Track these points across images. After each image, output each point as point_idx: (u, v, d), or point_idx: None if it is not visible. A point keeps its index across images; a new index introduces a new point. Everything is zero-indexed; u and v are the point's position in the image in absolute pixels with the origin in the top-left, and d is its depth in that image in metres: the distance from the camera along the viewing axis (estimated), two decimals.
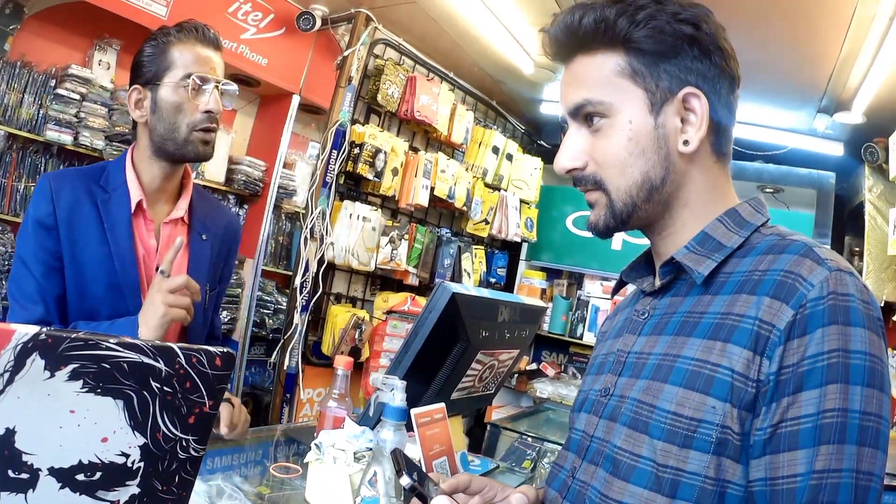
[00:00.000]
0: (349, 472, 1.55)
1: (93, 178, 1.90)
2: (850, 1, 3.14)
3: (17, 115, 3.53)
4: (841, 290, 0.97)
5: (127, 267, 1.85)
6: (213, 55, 1.96)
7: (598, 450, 1.17)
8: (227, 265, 2.22)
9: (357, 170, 4.07)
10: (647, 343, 1.17)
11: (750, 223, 1.16)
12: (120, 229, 1.86)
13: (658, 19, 1.10)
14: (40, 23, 3.83)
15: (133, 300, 1.85)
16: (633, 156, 1.14)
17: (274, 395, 4.11)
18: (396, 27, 4.47)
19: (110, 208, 1.87)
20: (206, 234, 2.07)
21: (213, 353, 0.85)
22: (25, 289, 1.79)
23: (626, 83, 1.14)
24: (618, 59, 1.14)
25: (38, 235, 1.79)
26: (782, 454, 0.95)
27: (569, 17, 1.17)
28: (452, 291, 1.74)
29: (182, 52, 1.89)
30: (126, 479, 0.83)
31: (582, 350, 5.85)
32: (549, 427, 4.41)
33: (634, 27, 1.11)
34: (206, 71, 1.91)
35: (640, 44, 1.12)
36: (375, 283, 4.71)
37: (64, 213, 1.81)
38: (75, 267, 1.81)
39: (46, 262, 1.79)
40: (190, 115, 1.89)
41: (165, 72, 1.88)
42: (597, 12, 1.13)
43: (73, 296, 1.82)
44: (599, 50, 1.16)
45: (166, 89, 1.88)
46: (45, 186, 1.82)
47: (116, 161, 1.97)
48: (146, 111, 1.91)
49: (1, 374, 0.71)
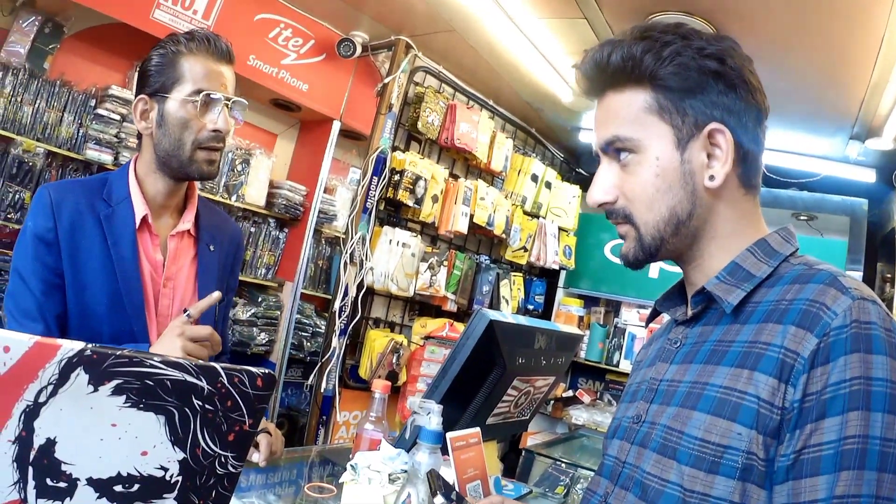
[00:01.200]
0: (383, 494, 1.55)
1: (95, 190, 1.82)
2: (878, 27, 3.12)
3: (57, 133, 3.63)
4: (864, 318, 0.98)
5: (131, 285, 1.78)
6: (225, 69, 1.88)
7: (629, 475, 1.18)
8: (233, 275, 2.18)
9: (397, 196, 4.09)
10: (679, 371, 1.18)
11: (779, 253, 1.17)
12: (124, 245, 1.79)
13: (683, 55, 1.12)
14: (80, 43, 3.93)
15: (137, 320, 1.78)
16: (660, 192, 1.16)
17: (310, 416, 4.11)
18: (436, 55, 4.50)
19: (114, 223, 1.79)
20: (214, 245, 2.02)
21: (254, 374, 0.87)
22: (23, 305, 1.70)
23: (654, 119, 1.16)
24: (645, 96, 1.16)
25: (38, 251, 1.71)
26: (804, 480, 0.95)
27: (598, 54, 1.19)
28: (490, 318, 1.74)
29: (192, 65, 1.82)
30: (164, 492, 0.85)
31: (618, 378, 5.78)
32: (583, 453, 4.37)
33: (660, 64, 1.13)
34: (216, 87, 1.83)
35: (666, 81, 1.14)
36: (414, 309, 4.71)
37: (65, 227, 1.73)
38: (77, 284, 1.74)
39: (46, 278, 1.71)
40: (196, 133, 1.82)
41: (174, 85, 1.81)
42: (624, 49, 1.15)
43: (74, 314, 1.74)
44: (628, 86, 1.18)
45: (173, 103, 1.81)
46: (45, 198, 1.74)
47: (118, 173, 1.90)
48: (152, 123, 1.84)
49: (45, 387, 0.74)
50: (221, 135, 1.86)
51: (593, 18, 3.64)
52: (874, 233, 5.33)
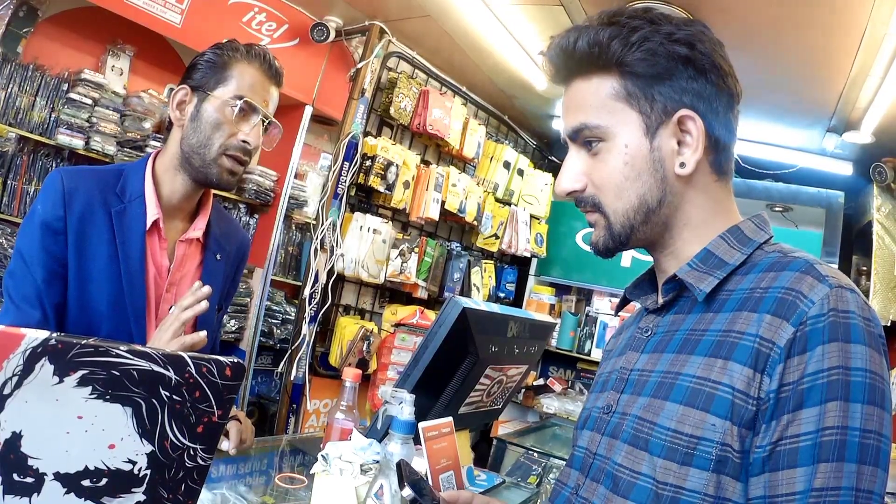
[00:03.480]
0: (355, 485, 1.54)
1: (109, 183, 1.79)
2: (860, 21, 3.14)
3: (29, 118, 3.56)
4: (841, 307, 0.97)
5: (136, 288, 1.75)
6: (273, 89, 1.90)
7: (599, 467, 1.18)
8: (234, 283, 2.16)
9: (368, 182, 4.08)
10: (650, 360, 1.17)
11: (752, 240, 1.16)
12: (133, 247, 1.76)
13: (651, 41, 1.11)
14: (54, 26, 3.87)
15: (136, 322, 1.76)
16: (629, 179, 1.15)
17: (280, 405, 4.09)
18: (410, 40, 4.48)
19: (124, 222, 1.76)
20: (221, 255, 2.00)
21: (223, 363, 0.85)
22: (24, 290, 1.68)
23: (622, 106, 1.14)
24: (612, 83, 1.15)
25: (45, 238, 1.68)
26: (781, 472, 0.95)
27: (564, 40, 1.17)
28: (463, 306, 1.73)
29: (243, 72, 1.83)
30: (132, 486, 0.83)
31: (589, 366, 5.82)
32: (555, 442, 4.39)
33: (628, 50, 1.11)
34: (259, 100, 1.84)
35: (634, 67, 1.12)
36: (384, 296, 4.70)
37: (75, 218, 1.70)
38: (80, 278, 1.71)
39: (50, 267, 1.68)
40: (226, 138, 1.81)
41: (218, 84, 1.82)
42: (590, 35, 1.13)
43: (73, 307, 1.72)
44: (594, 73, 1.16)
45: (213, 102, 1.81)
46: (58, 184, 1.70)
47: (135, 167, 1.86)
48: (185, 115, 1.83)
49: (9, 378, 0.72)
50: (249, 148, 1.85)
51: (569, 5, 3.63)
52: (850, 225, 5.38)
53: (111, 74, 4.00)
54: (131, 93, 4.01)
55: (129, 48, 4.11)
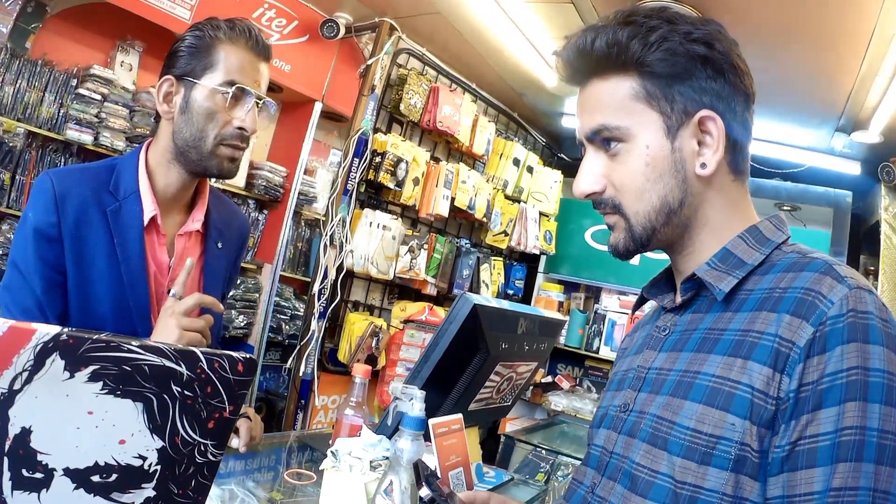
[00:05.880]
0: (365, 481, 1.53)
1: (101, 180, 1.69)
2: (868, 21, 3.13)
3: (38, 113, 3.57)
4: (860, 307, 0.96)
5: (138, 288, 1.67)
6: (262, 66, 1.77)
7: (616, 466, 1.17)
8: (235, 269, 2.08)
9: (378, 178, 4.08)
10: (668, 359, 1.17)
11: (771, 240, 1.15)
12: (131, 246, 1.67)
13: (671, 41, 1.09)
14: (62, 22, 3.87)
15: (141, 323, 1.68)
16: (651, 181, 1.14)
17: (288, 400, 4.10)
18: (420, 37, 4.48)
19: (121, 221, 1.67)
20: (222, 242, 1.92)
21: (235, 359, 0.85)
22: (23, 303, 1.58)
23: (641, 107, 1.13)
24: (632, 83, 1.13)
25: (39, 246, 1.58)
26: (800, 472, 0.94)
27: (581, 39, 1.16)
28: (474, 303, 1.72)
29: (229, 54, 1.69)
30: (142, 482, 0.82)
31: (597, 364, 5.82)
32: (563, 440, 4.38)
33: (647, 50, 1.10)
34: (250, 83, 1.72)
35: (654, 67, 1.11)
36: (393, 292, 4.70)
37: (70, 223, 1.60)
38: (80, 284, 1.62)
39: (47, 276, 1.59)
40: (220, 127, 1.70)
41: (205, 71, 1.68)
42: (608, 35, 1.12)
43: (75, 314, 1.63)
44: (613, 73, 1.15)
45: (202, 91, 1.68)
46: (48, 189, 1.60)
47: (127, 160, 1.76)
48: (174, 108, 1.71)
49: (20, 374, 0.71)
50: (247, 134, 1.75)
51: (579, 2, 3.62)
52: (858, 225, 5.36)
53: (120, 70, 4.00)
54: (141, 88, 4.01)
55: (138, 44, 4.11)
